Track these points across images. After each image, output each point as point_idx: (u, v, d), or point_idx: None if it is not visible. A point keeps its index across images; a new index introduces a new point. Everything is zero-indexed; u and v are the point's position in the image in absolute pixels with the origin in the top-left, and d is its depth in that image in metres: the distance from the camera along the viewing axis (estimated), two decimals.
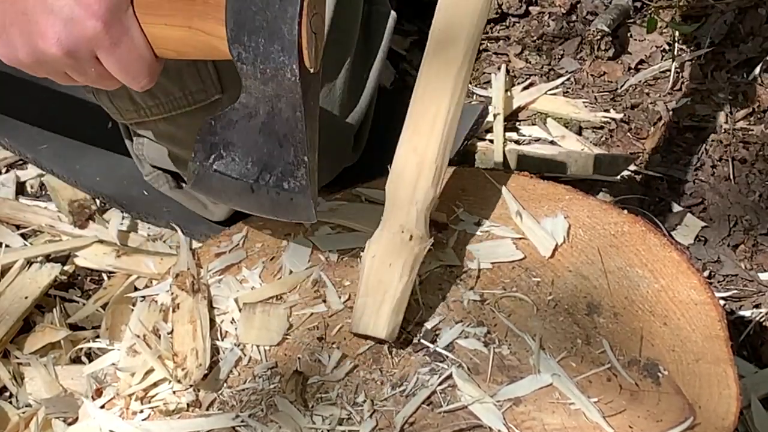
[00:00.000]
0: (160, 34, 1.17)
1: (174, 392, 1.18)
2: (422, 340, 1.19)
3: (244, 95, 1.16)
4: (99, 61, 1.18)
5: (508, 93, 1.95)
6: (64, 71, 1.20)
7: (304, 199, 1.18)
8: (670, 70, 1.97)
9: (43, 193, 1.78)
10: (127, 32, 1.16)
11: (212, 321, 1.24)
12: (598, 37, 2.01)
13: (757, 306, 1.66)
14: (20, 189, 1.79)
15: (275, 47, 1.11)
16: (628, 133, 1.90)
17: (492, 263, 1.25)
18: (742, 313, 1.65)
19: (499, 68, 1.98)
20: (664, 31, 2.04)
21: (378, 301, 1.17)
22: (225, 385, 1.18)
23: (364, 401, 1.15)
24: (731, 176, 1.82)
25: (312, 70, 1.13)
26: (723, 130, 1.88)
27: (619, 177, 1.81)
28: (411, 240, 1.20)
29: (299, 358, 1.19)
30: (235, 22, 1.12)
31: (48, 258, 1.66)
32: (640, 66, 2.01)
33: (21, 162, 1.81)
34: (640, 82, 1.98)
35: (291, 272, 1.27)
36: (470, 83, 1.91)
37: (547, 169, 1.80)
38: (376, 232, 1.21)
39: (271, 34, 1.11)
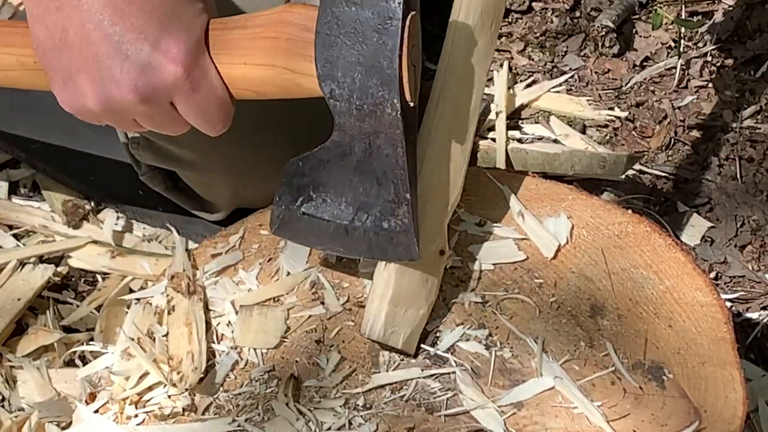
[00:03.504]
0: (238, 75, 1.11)
1: (169, 396, 1.17)
2: (422, 344, 1.18)
3: (337, 133, 1.10)
4: (173, 107, 1.12)
5: (511, 91, 1.94)
6: (133, 119, 1.15)
7: (406, 238, 1.13)
8: (675, 68, 1.95)
9: (36, 192, 1.77)
10: (205, 76, 1.10)
11: (208, 324, 1.22)
12: (603, 33, 2.00)
13: (764, 308, 1.65)
14: (13, 188, 1.77)
15: (373, 82, 1.05)
16: (633, 132, 1.89)
17: (494, 264, 1.24)
18: (749, 315, 1.64)
19: (501, 65, 1.97)
20: (669, 27, 2.03)
21: (413, 316, 1.17)
22: (221, 388, 1.17)
23: (363, 405, 1.14)
24: (738, 175, 1.81)
25: (412, 104, 1.08)
26: (730, 129, 1.87)
27: (623, 176, 1.80)
28: (442, 255, 1.19)
29: (297, 361, 1.18)
30: (326, 58, 1.06)
31: (41, 259, 1.65)
32: (645, 63, 2.00)
33: (13, 161, 1.80)
34: (645, 79, 1.96)
35: (288, 274, 1.25)
36: None
37: (550, 168, 1.79)
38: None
39: (369, 69, 1.05)
